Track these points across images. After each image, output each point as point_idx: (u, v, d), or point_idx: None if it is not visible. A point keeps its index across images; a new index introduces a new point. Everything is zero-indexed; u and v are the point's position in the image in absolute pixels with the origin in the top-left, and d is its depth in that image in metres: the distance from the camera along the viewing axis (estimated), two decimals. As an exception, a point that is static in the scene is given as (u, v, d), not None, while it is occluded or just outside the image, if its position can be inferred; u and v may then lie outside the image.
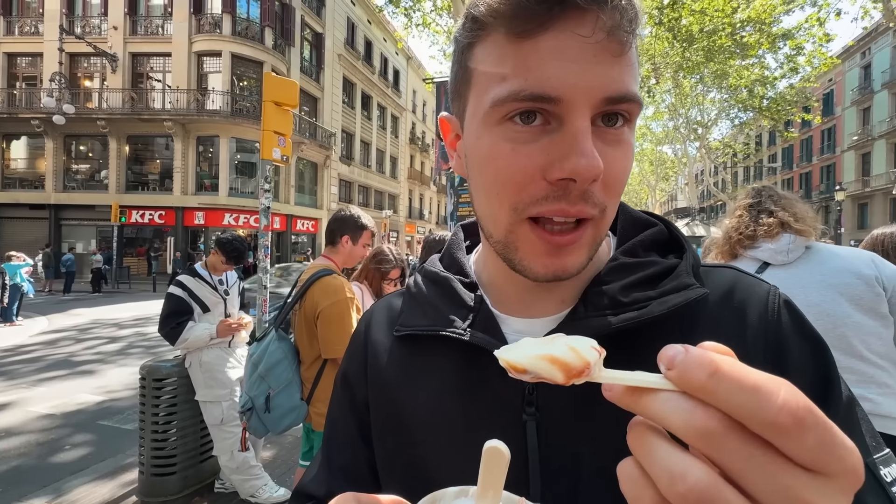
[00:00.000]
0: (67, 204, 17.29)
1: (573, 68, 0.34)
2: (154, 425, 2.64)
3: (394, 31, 24.97)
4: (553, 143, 0.35)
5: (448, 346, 0.44)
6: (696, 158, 24.94)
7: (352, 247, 2.16)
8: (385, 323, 0.53)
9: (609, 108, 0.36)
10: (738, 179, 40.59)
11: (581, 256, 0.39)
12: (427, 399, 0.45)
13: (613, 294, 0.41)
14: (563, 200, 0.36)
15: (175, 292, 2.66)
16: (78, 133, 17.19)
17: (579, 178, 0.34)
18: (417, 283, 0.52)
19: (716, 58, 14.22)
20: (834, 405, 0.37)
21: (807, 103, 17.00)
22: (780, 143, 33.79)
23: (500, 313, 0.46)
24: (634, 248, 0.45)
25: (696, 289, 0.40)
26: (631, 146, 0.38)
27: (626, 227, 0.48)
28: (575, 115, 0.34)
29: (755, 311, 0.41)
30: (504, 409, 0.41)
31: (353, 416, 0.52)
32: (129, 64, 17.18)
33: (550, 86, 0.34)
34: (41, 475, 3.21)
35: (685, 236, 0.47)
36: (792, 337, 0.40)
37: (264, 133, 4.37)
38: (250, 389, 1.97)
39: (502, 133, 0.37)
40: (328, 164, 21.48)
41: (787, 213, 1.45)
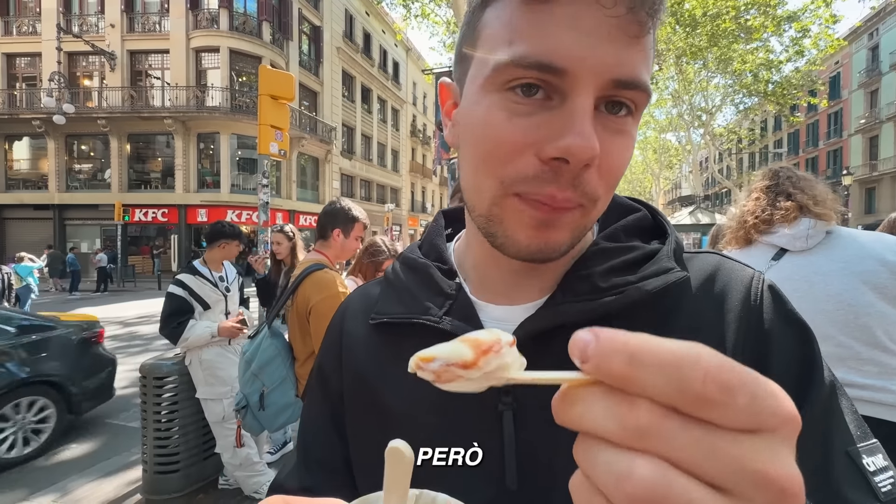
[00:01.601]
0: (71, 204, 17.36)
1: (585, 41, 0.31)
2: (156, 423, 2.64)
3: (392, 23, 24.73)
4: (551, 120, 0.33)
5: (424, 335, 0.42)
6: (700, 146, 24.65)
7: (343, 240, 2.12)
8: (361, 311, 0.51)
9: (615, 93, 0.33)
10: (743, 166, 40.17)
11: (565, 236, 0.37)
12: (402, 388, 0.43)
13: (593, 279, 0.40)
14: (554, 184, 0.34)
15: (175, 291, 2.63)
16: (79, 133, 17.21)
17: (572, 160, 0.32)
18: (395, 270, 0.51)
19: (720, 42, 13.98)
20: (816, 392, 0.36)
21: (813, 87, 16.72)
22: (786, 128, 33.36)
23: (478, 301, 0.45)
24: (616, 233, 0.44)
25: (676, 272, 0.39)
26: (633, 139, 0.36)
27: (609, 212, 0.46)
28: (578, 92, 0.32)
29: (737, 297, 0.40)
30: (480, 399, 0.39)
31: (327, 408, 0.50)
32: (128, 62, 17.12)
33: (558, 55, 0.32)
34: (47, 473, 3.23)
35: (669, 222, 0.46)
36: (775, 323, 0.39)
37: (261, 127, 4.33)
38: (244, 387, 1.96)
39: (500, 101, 0.35)
40: (329, 159, 21.41)
41: (806, 196, 1.37)
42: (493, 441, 0.39)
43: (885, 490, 0.34)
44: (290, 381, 1.98)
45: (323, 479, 0.48)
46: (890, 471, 0.35)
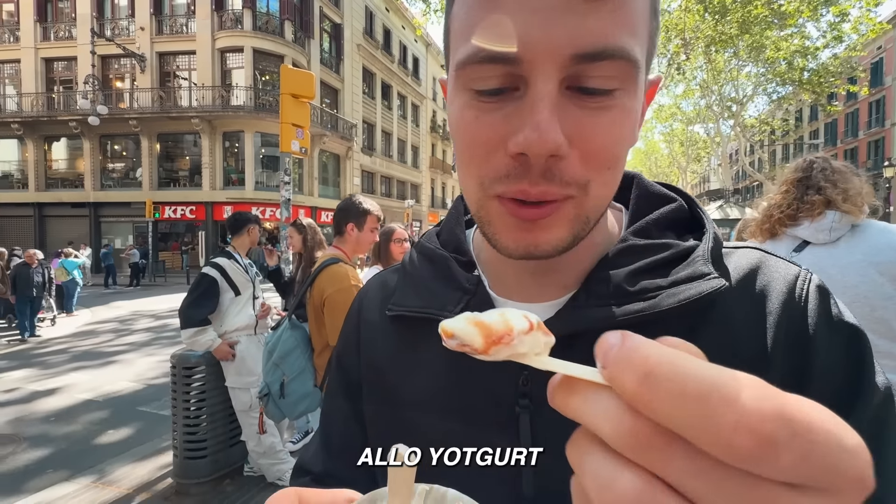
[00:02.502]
0: (105, 202, 18.09)
1: (535, 21, 0.29)
2: (185, 411, 2.74)
3: (412, 18, 24.73)
4: (515, 112, 0.31)
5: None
6: (730, 137, 23.79)
7: (358, 234, 2.17)
8: (378, 301, 0.50)
9: (582, 70, 0.30)
10: (775, 158, 38.61)
11: (558, 233, 0.34)
12: (418, 384, 0.43)
13: (619, 281, 0.37)
14: (525, 179, 0.31)
15: (210, 273, 2.68)
16: (112, 133, 17.87)
17: (530, 154, 0.30)
18: (412, 259, 0.49)
19: (751, 29, 13.42)
20: (865, 399, 0.33)
21: (852, 74, 15.89)
22: (823, 118, 31.88)
23: (497, 296, 0.43)
24: (647, 228, 0.40)
25: (712, 279, 0.35)
26: (626, 111, 0.32)
27: (641, 202, 0.43)
28: (536, 77, 0.30)
29: (779, 296, 0.37)
30: (497, 401, 0.39)
31: (346, 396, 0.50)
32: (157, 63, 17.68)
33: (510, 43, 0.30)
34: (86, 457, 3.40)
35: (707, 214, 0.42)
36: (821, 325, 0.35)
37: (283, 126, 4.41)
38: (266, 376, 2.05)
39: (469, 100, 0.33)
40: (350, 156, 21.63)
41: (837, 190, 1.32)
42: (508, 444, 0.38)
43: None
44: (309, 371, 2.06)
45: (344, 464, 0.49)
46: None
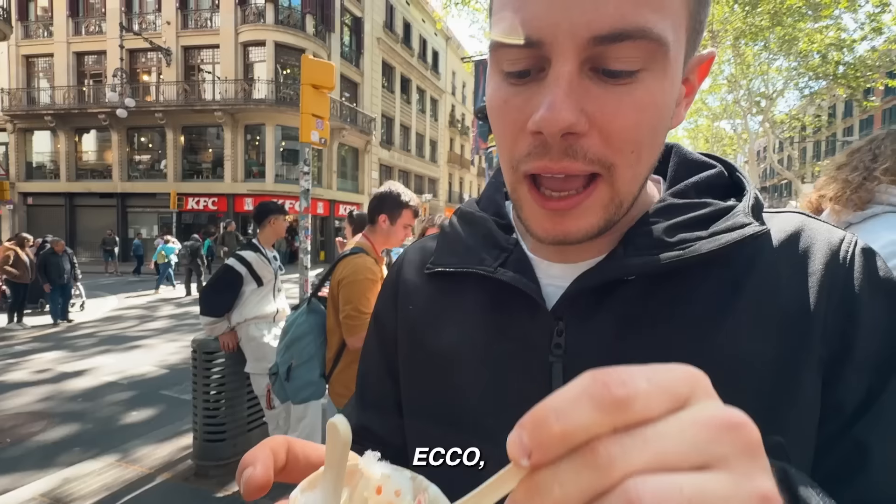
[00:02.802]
0: (132, 192, 18.64)
1: (555, 4, 0.29)
2: (205, 395, 2.79)
3: (432, 12, 24.63)
4: (537, 93, 0.32)
5: (478, 285, 0.43)
6: (758, 134, 23.00)
7: (389, 226, 2.03)
8: (418, 262, 0.52)
9: (602, 51, 0.30)
10: (806, 156, 37.28)
11: (589, 220, 0.35)
12: (454, 336, 0.44)
13: (658, 234, 0.37)
14: (546, 156, 0.33)
15: (235, 266, 2.74)
16: (139, 125, 18.36)
17: (544, 131, 0.31)
18: (452, 223, 0.50)
19: (784, 21, 12.92)
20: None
21: (892, 68, 15.15)
22: (858, 115, 30.61)
23: (535, 256, 0.44)
24: (687, 190, 0.40)
25: (753, 226, 0.35)
26: (652, 92, 0.32)
27: (679, 169, 0.43)
28: (556, 60, 0.31)
29: (823, 257, 0.36)
30: (531, 349, 0.40)
31: (382, 353, 0.52)
32: (182, 57, 18.05)
33: (532, 27, 0.30)
34: (110, 437, 3.51)
35: (748, 178, 0.41)
36: (865, 288, 0.35)
37: (303, 116, 4.42)
38: (278, 355, 2.06)
39: (501, 84, 0.35)
40: (369, 150, 21.74)
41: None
42: (541, 391, 0.36)
43: None
44: (318, 359, 2.01)
45: (377, 418, 0.51)
46: None
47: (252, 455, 0.23)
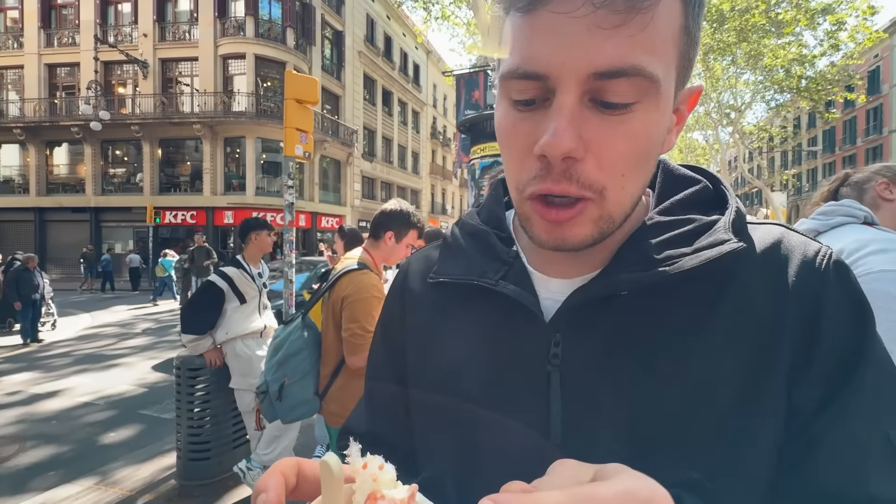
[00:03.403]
0: (106, 207, 18.14)
1: (561, 43, 0.33)
2: (189, 412, 2.75)
3: (413, 26, 24.97)
4: (543, 120, 0.35)
5: (480, 296, 0.45)
6: (728, 144, 23.91)
7: (394, 244, 2.00)
8: (421, 272, 0.54)
9: (601, 85, 0.33)
10: (774, 165, 38.79)
11: (583, 231, 0.38)
12: (457, 344, 0.46)
13: (646, 251, 0.40)
14: (548, 179, 0.36)
15: (217, 282, 2.71)
16: (114, 138, 17.95)
17: (548, 156, 0.34)
18: (454, 234, 0.53)
19: (749, 37, 13.57)
20: (863, 368, 0.36)
21: (850, 82, 16.05)
22: (821, 126, 32.10)
23: (534, 271, 0.46)
24: (672, 208, 0.43)
25: (731, 243, 0.38)
26: (642, 123, 0.35)
27: (666, 185, 0.46)
28: (560, 92, 0.34)
29: (797, 269, 0.39)
30: (530, 359, 0.42)
31: (389, 358, 0.55)
32: (159, 69, 17.80)
33: (539, 62, 0.34)
34: (87, 459, 3.40)
35: (731, 192, 0.44)
36: (834, 296, 0.38)
37: (287, 130, 4.44)
38: (267, 373, 1.93)
39: (508, 107, 0.38)
40: (351, 162, 21.73)
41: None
42: (539, 398, 0.41)
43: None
44: (313, 376, 1.93)
45: (385, 424, 0.53)
46: None
47: (264, 482, 0.26)
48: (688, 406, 0.36)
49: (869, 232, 1.16)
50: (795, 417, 0.36)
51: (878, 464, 0.34)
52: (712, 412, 0.36)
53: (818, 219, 1.29)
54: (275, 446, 2.67)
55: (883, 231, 1.17)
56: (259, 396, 1.96)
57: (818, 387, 0.36)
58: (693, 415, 0.36)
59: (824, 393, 0.36)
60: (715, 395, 0.36)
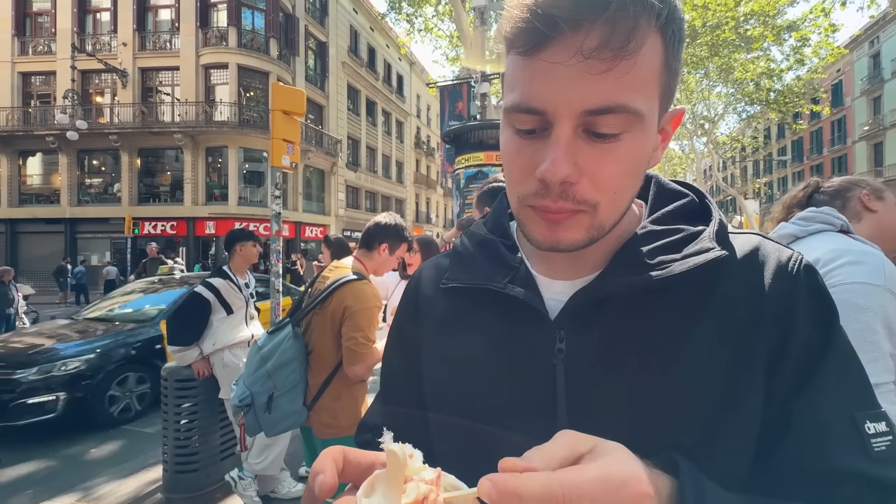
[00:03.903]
0: (82, 218, 17.67)
1: (557, 85, 0.38)
2: (176, 424, 2.73)
3: (396, 38, 25.22)
4: (541, 149, 0.40)
5: (490, 299, 0.50)
6: (703, 154, 24.71)
7: (387, 256, 2.06)
8: (433, 278, 0.59)
9: (592, 120, 0.39)
10: (747, 174, 40.12)
11: (577, 234, 0.43)
12: (470, 343, 0.51)
13: (641, 257, 0.45)
14: (547, 198, 0.41)
15: (203, 293, 2.72)
16: (91, 148, 17.57)
17: (547, 181, 0.39)
18: (464, 243, 0.58)
19: (720, 52, 14.13)
20: (830, 359, 0.42)
21: (815, 95, 16.80)
22: (790, 136, 33.42)
23: (538, 274, 0.51)
24: (663, 218, 0.49)
25: (714, 251, 0.44)
26: (628, 150, 0.41)
27: (658, 198, 0.52)
28: (556, 125, 0.39)
29: (773, 272, 0.44)
30: (538, 353, 0.47)
31: (404, 356, 0.60)
32: (139, 79, 17.56)
33: (538, 100, 0.39)
34: (68, 476, 3.32)
35: (714, 205, 0.50)
36: (805, 296, 0.43)
37: (273, 141, 4.47)
38: (253, 384, 1.84)
39: (512, 135, 0.43)
40: (335, 171, 21.69)
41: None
42: (546, 388, 0.45)
43: (878, 450, 0.39)
44: (302, 387, 1.90)
45: (400, 415, 0.58)
46: (889, 436, 0.39)
47: (320, 464, 0.32)
48: (679, 394, 0.41)
49: (845, 242, 1.23)
50: (772, 401, 0.41)
51: (842, 442, 0.39)
52: (700, 399, 0.41)
53: (798, 224, 1.35)
54: (266, 454, 2.68)
55: (858, 241, 1.24)
56: (242, 410, 1.86)
57: (791, 376, 0.41)
58: (684, 401, 0.41)
59: (796, 381, 0.41)
60: (703, 384, 0.41)
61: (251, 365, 1.88)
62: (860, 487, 0.38)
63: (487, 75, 8.28)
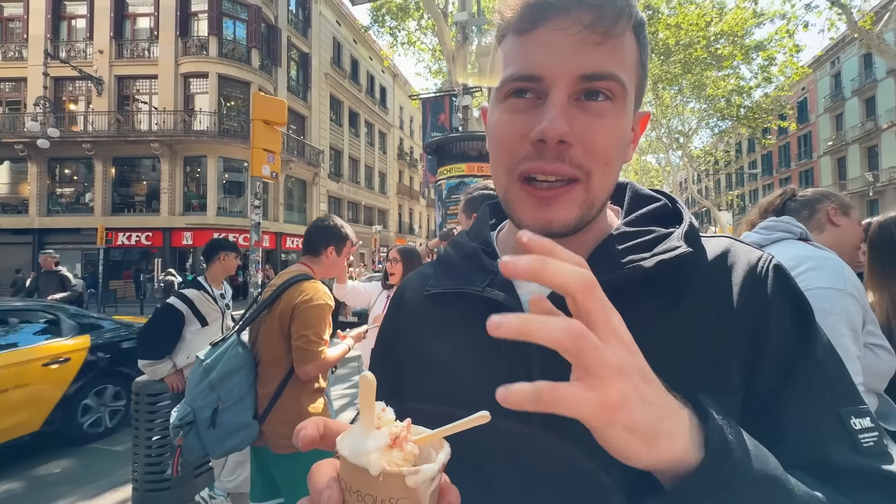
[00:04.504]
0: (52, 228, 17.06)
1: (555, 53, 0.42)
2: (147, 440, 2.63)
3: (380, 50, 25.43)
4: (537, 113, 0.43)
5: (469, 302, 0.52)
6: (679, 167, 25.49)
7: (335, 258, 2.04)
8: (417, 286, 0.61)
9: (587, 85, 0.42)
10: (720, 186, 41.48)
11: (569, 212, 0.44)
12: (451, 344, 0.52)
13: (614, 256, 0.47)
14: (541, 159, 0.43)
15: (176, 305, 2.65)
16: (62, 156, 17.07)
17: (546, 138, 0.41)
18: (447, 251, 0.60)
19: (693, 69, 14.72)
20: (811, 356, 0.43)
21: (782, 111, 17.57)
22: (759, 150, 34.75)
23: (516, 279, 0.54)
24: (637, 220, 0.51)
25: (681, 249, 0.45)
26: (615, 121, 0.44)
27: (633, 202, 0.55)
28: (553, 90, 0.42)
29: (743, 272, 0.46)
30: (514, 353, 0.48)
31: (387, 364, 0.60)
32: (115, 87, 17.20)
33: (536, 67, 0.42)
34: (32, 498, 3.15)
35: (685, 209, 0.52)
36: (777, 294, 0.45)
37: (254, 151, 4.44)
38: (194, 400, 1.67)
39: (505, 107, 0.46)
40: (317, 182, 21.55)
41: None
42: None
43: (866, 445, 0.40)
44: (250, 399, 1.75)
45: None
46: (875, 431, 0.41)
47: (302, 423, 0.33)
48: None
49: (805, 248, 1.31)
50: (753, 401, 0.42)
51: (834, 439, 0.40)
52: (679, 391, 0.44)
53: (760, 233, 1.44)
54: (240, 472, 2.60)
55: (816, 248, 1.31)
56: (181, 430, 1.66)
57: (773, 375, 0.42)
58: None
59: (779, 381, 0.42)
60: (676, 382, 0.43)
61: (193, 379, 1.72)
62: (865, 482, 0.38)
63: (469, 88, 8.41)
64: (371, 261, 23.56)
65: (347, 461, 0.30)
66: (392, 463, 0.30)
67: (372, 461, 0.29)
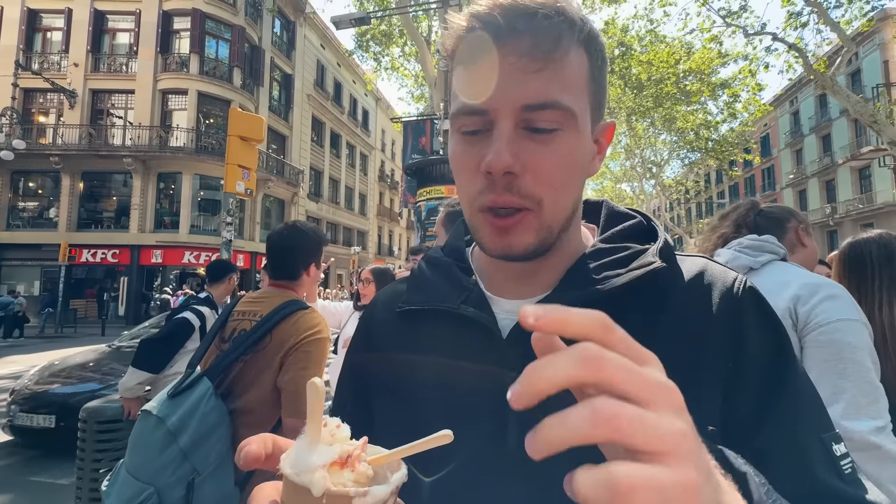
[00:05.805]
0: (10, 243, 16.23)
1: (498, 84, 0.42)
2: (94, 473, 2.42)
3: (363, 74, 25.81)
4: (486, 146, 0.43)
5: (444, 319, 0.50)
6: (652, 195, 26.42)
7: (315, 273, 1.75)
8: (389, 303, 0.58)
9: (530, 115, 0.42)
10: (691, 215, 43.05)
11: (526, 238, 0.44)
12: (421, 365, 0.50)
13: (589, 273, 0.47)
14: (493, 192, 0.43)
15: (191, 320, 2.60)
16: (28, 169, 16.42)
17: (492, 171, 0.42)
18: (421, 267, 0.58)
19: (664, 103, 15.46)
20: (791, 378, 0.43)
21: (747, 145, 18.54)
22: (727, 181, 36.39)
23: (491, 294, 0.52)
24: (613, 238, 0.51)
25: (655, 264, 0.45)
26: (566, 145, 0.43)
27: (608, 220, 0.55)
28: (498, 122, 0.42)
29: (719, 293, 0.46)
30: (490, 371, 0.46)
31: (355, 387, 0.58)
32: (89, 100, 16.83)
33: (480, 100, 0.43)
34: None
35: (660, 226, 0.52)
36: (752, 315, 0.45)
37: (228, 166, 4.36)
38: (159, 475, 1.24)
39: (459, 139, 0.46)
40: (296, 201, 21.31)
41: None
42: (499, 409, 0.43)
43: (847, 472, 0.40)
44: (230, 460, 1.36)
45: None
46: (850, 457, 0.42)
47: (247, 440, 0.30)
48: None
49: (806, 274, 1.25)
50: (735, 428, 0.41)
51: (821, 465, 0.40)
52: None
53: (747, 253, 1.36)
54: None
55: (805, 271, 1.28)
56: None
57: (753, 400, 0.42)
58: None
59: (760, 407, 0.42)
60: None
61: (149, 448, 1.28)
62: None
63: (450, 113, 8.56)
64: (349, 282, 23.24)
65: (289, 479, 0.27)
66: (339, 484, 0.27)
67: (315, 480, 0.26)
